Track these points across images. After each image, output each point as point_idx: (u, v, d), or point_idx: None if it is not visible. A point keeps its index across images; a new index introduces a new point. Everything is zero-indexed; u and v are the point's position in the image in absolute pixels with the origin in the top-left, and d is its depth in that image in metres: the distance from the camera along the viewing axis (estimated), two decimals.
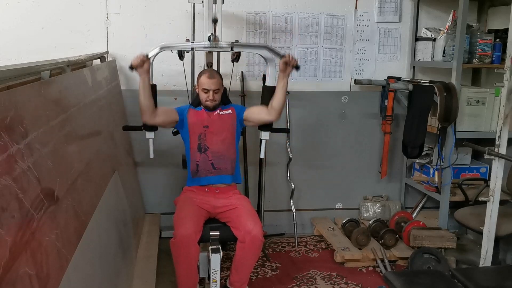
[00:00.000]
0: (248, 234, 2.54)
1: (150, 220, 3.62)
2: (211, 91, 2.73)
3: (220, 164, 2.78)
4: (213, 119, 2.80)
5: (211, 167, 2.77)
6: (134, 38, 3.50)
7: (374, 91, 3.84)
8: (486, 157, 2.61)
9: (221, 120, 2.82)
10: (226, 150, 2.79)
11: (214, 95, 2.74)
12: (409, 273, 2.79)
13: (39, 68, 1.90)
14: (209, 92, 2.73)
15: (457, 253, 3.34)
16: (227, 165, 2.79)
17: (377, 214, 3.90)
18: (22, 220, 1.29)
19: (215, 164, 2.77)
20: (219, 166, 2.78)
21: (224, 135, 2.80)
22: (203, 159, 2.78)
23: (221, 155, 2.78)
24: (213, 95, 2.73)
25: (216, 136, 2.78)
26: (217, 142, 2.78)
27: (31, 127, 1.49)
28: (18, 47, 3.32)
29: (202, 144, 2.78)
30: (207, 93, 2.74)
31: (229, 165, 2.80)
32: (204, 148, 2.78)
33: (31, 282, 1.27)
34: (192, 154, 2.80)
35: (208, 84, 2.73)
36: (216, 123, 2.80)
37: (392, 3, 3.79)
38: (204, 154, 2.78)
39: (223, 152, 2.78)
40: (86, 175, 2.05)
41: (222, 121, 2.82)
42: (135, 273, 2.76)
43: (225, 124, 2.82)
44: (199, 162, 2.78)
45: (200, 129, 2.78)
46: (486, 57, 3.41)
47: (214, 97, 2.74)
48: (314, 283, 3.13)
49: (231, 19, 3.58)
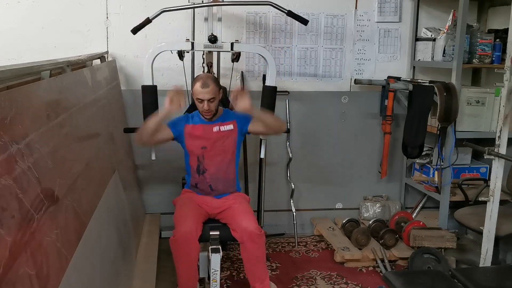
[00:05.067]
0: (245, 232, 2.54)
1: (150, 220, 3.62)
2: (205, 101, 2.60)
3: (218, 186, 2.75)
4: (212, 137, 2.71)
5: (209, 188, 2.75)
6: (134, 38, 3.48)
7: (374, 91, 3.84)
8: (486, 157, 2.61)
9: (221, 138, 2.72)
10: (224, 172, 2.74)
11: (210, 104, 2.61)
12: (409, 273, 2.79)
13: (39, 68, 1.90)
14: (203, 102, 2.60)
15: (457, 253, 3.34)
16: (225, 187, 2.77)
17: (377, 214, 3.90)
18: (22, 220, 1.29)
19: (213, 186, 2.75)
20: (217, 188, 2.75)
21: (223, 156, 2.73)
22: (201, 181, 2.75)
23: (219, 177, 2.74)
24: (208, 105, 2.61)
25: (215, 157, 2.72)
26: (216, 164, 2.72)
27: (31, 127, 1.49)
28: (18, 47, 3.32)
29: (201, 167, 2.72)
30: (202, 103, 2.62)
31: (227, 186, 2.78)
32: (202, 170, 2.73)
33: (31, 282, 1.27)
34: (191, 172, 2.77)
35: (202, 94, 2.59)
36: (215, 144, 2.71)
37: (392, 3, 3.79)
38: (202, 176, 2.74)
39: (222, 174, 2.74)
40: (86, 175, 2.05)
41: (222, 140, 2.72)
42: (135, 273, 2.76)
43: (225, 144, 2.73)
44: (198, 182, 2.76)
45: (198, 150, 2.71)
46: (486, 57, 3.41)
47: (210, 106, 2.62)
48: (314, 283, 3.13)
49: (231, 19, 3.58)
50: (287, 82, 3.77)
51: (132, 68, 3.56)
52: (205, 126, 2.72)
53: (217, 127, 2.72)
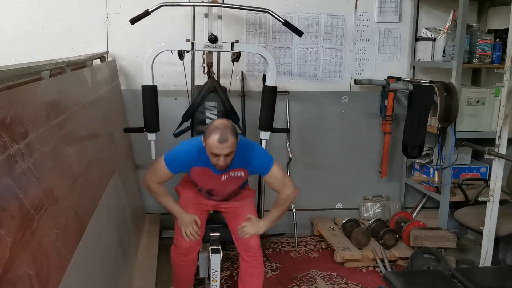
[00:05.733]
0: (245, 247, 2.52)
1: (150, 220, 3.62)
2: (222, 156, 2.28)
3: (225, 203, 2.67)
4: (221, 183, 2.50)
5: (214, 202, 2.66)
6: (134, 38, 3.50)
7: (374, 91, 3.84)
8: (486, 157, 2.61)
9: (231, 182, 2.52)
10: (234, 193, 2.63)
11: (226, 159, 2.30)
12: (409, 273, 2.79)
13: (39, 68, 1.90)
14: (219, 157, 2.28)
15: (457, 253, 3.34)
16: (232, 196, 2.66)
17: (377, 214, 3.90)
18: (22, 220, 1.29)
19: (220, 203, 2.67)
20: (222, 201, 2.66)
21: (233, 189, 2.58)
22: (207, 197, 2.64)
23: (227, 198, 2.63)
24: (224, 160, 2.29)
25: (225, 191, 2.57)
26: (226, 192, 2.58)
27: (31, 127, 1.49)
28: (18, 47, 3.33)
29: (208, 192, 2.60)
30: (217, 158, 2.29)
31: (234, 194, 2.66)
32: (210, 194, 2.61)
33: (31, 282, 1.27)
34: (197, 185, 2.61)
35: (220, 150, 2.25)
36: (224, 187, 2.54)
37: (392, 3, 3.79)
38: (209, 195, 2.62)
39: (230, 196, 2.64)
40: (86, 175, 2.05)
41: (231, 183, 2.52)
42: (135, 273, 2.76)
43: (233, 186, 2.56)
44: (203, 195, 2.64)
45: (205, 187, 2.56)
46: (486, 57, 3.41)
47: (226, 161, 2.31)
48: (314, 283, 3.13)
49: (231, 19, 3.58)
50: (287, 82, 3.76)
51: (132, 68, 3.55)
52: (213, 174, 2.45)
53: (226, 175, 2.47)
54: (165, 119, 3.09)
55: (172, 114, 3.28)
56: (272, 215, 2.59)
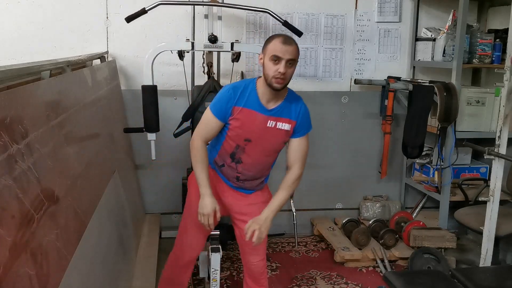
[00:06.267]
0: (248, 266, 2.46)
1: (150, 220, 3.62)
2: (283, 60, 1.99)
3: (245, 182, 2.32)
4: (262, 131, 2.17)
5: (235, 179, 2.31)
6: (134, 38, 3.50)
7: (374, 91, 3.84)
8: (486, 157, 2.61)
9: (272, 136, 2.20)
10: (259, 171, 2.30)
11: (287, 68, 2.01)
12: (409, 273, 2.79)
13: (39, 68, 1.90)
14: (280, 62, 2.00)
15: (457, 253, 3.35)
16: (252, 185, 2.34)
17: (377, 214, 3.90)
18: (22, 220, 1.29)
19: (241, 178, 2.29)
20: (244, 183, 2.32)
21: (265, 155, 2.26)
22: (231, 167, 2.27)
23: (251, 174, 2.29)
24: (285, 68, 2.00)
25: (257, 153, 2.24)
26: (255, 160, 2.25)
27: (31, 127, 1.49)
28: (18, 47, 3.33)
29: (236, 156, 2.24)
30: (278, 64, 2.00)
31: (255, 184, 2.35)
32: (237, 159, 2.25)
33: (31, 282, 1.27)
34: (223, 152, 2.27)
35: (283, 52, 1.98)
36: (263, 140, 2.20)
37: (392, 3, 3.79)
38: (233, 163, 2.26)
39: (255, 172, 2.30)
40: (86, 175, 2.05)
41: (272, 139, 2.21)
42: (135, 273, 2.76)
43: (273, 143, 2.24)
44: (225, 165, 2.28)
45: (240, 141, 2.20)
46: (486, 57, 3.41)
47: (287, 72, 2.02)
48: (314, 283, 3.13)
49: (231, 19, 3.58)
50: None
51: (132, 68, 3.56)
52: (258, 115, 2.14)
53: (273, 121, 2.17)
54: (165, 119, 3.09)
55: (172, 114, 3.28)
56: (276, 202, 2.24)
